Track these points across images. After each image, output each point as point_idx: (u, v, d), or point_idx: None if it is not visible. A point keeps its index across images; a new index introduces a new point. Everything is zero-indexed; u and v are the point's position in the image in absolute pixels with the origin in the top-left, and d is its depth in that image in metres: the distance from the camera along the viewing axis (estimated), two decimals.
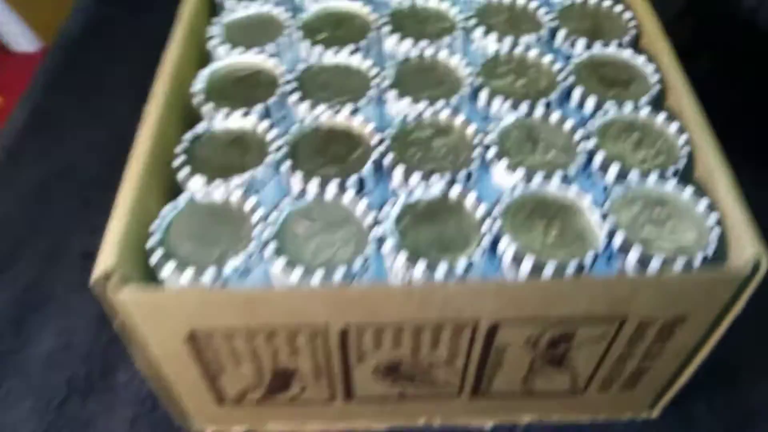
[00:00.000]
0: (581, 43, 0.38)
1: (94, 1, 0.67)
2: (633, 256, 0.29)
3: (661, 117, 0.34)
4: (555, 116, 0.35)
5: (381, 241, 0.30)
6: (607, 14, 0.41)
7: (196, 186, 0.32)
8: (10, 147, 0.54)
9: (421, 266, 0.28)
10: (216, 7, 0.44)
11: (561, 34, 0.39)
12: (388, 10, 0.41)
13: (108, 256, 0.28)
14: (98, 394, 0.40)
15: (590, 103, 0.35)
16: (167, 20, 0.46)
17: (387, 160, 0.33)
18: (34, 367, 0.42)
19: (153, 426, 0.38)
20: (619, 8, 0.41)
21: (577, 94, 0.36)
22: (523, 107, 0.35)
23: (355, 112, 0.35)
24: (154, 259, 0.29)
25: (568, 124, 0.34)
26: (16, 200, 0.51)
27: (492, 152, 0.33)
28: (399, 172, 0.32)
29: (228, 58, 0.38)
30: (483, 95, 0.36)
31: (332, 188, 0.32)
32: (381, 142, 0.33)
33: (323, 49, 0.38)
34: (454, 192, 0.31)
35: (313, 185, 0.32)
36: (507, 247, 0.29)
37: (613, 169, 0.32)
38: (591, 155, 0.33)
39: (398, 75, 0.37)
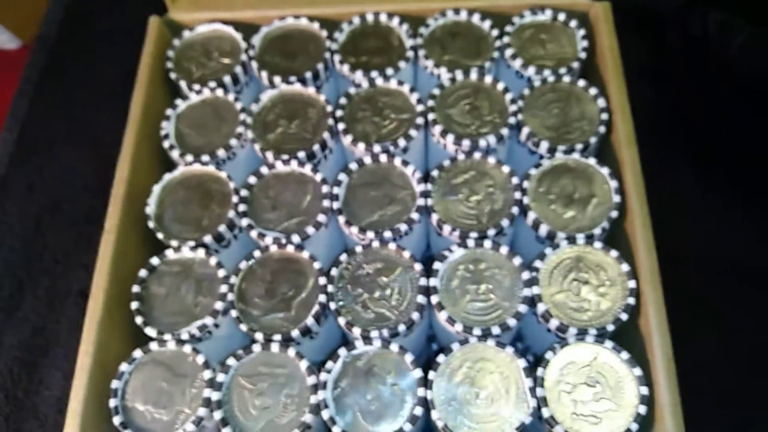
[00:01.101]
0: (545, 145, 0.36)
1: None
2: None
3: (613, 255, 0.33)
4: (504, 250, 0.34)
5: (320, 407, 0.31)
6: (579, 96, 0.38)
7: (150, 333, 0.34)
8: (2, 177, 0.55)
9: None
10: (171, 85, 0.42)
11: (525, 131, 0.37)
12: (344, 98, 0.39)
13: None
14: None
15: (543, 230, 0.34)
16: (144, 12, 0.45)
17: (332, 306, 0.33)
18: (49, 410, 0.47)
19: None
20: (593, 91, 0.38)
21: (531, 217, 0.35)
22: (473, 236, 0.34)
23: (305, 239, 0.35)
24: (116, 421, 0.32)
25: (517, 261, 0.34)
26: (13, 239, 0.53)
27: (435, 299, 0.33)
28: (342, 322, 0.33)
29: (180, 167, 0.38)
30: (434, 218, 0.35)
31: (277, 340, 0.33)
32: (327, 282, 0.34)
33: (274, 154, 0.37)
34: (395, 347, 0.32)
35: (260, 337, 0.33)
36: (437, 420, 0.31)
37: (554, 323, 0.32)
38: (534, 301, 0.33)
39: (349, 189, 0.36)
